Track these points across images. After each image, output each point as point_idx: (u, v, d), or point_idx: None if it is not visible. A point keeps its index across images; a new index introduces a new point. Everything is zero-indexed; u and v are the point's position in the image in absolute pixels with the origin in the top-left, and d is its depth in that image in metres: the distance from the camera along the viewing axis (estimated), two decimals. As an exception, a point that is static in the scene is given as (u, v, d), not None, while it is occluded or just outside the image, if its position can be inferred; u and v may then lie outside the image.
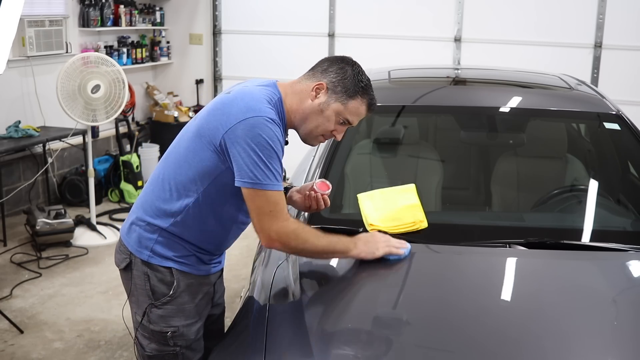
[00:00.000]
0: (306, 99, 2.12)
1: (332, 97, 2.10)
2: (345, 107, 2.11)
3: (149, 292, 2.13)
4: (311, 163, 3.06)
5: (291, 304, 2.07)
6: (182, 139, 2.15)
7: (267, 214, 2.00)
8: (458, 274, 2.30)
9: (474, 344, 1.88)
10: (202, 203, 2.09)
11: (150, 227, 2.12)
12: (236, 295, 4.31)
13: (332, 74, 2.12)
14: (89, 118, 5.06)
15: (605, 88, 5.00)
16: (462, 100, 3.23)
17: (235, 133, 1.97)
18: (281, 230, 2.02)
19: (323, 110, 2.11)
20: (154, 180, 2.18)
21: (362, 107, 2.14)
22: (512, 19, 6.36)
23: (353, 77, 2.11)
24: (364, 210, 2.51)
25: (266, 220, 2.01)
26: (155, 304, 2.13)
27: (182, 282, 2.13)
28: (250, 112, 1.98)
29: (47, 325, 3.92)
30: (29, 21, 5.56)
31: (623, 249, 2.39)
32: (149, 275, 2.12)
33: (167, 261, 2.12)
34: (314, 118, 2.12)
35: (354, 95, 2.11)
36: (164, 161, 2.19)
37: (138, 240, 2.14)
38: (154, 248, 2.11)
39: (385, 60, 4.82)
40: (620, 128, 2.93)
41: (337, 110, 2.11)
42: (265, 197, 1.99)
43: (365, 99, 2.13)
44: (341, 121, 2.14)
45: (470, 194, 3.10)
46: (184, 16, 7.36)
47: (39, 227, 4.98)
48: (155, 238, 2.11)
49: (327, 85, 2.10)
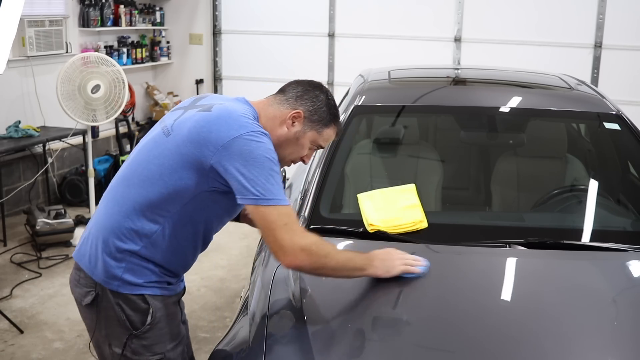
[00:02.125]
0: (281, 126, 2.07)
1: (308, 125, 2.08)
2: (320, 135, 2.11)
3: (126, 323, 2.01)
4: (311, 163, 3.06)
5: (291, 304, 2.07)
6: (150, 156, 2.01)
7: (283, 227, 1.89)
8: (458, 274, 2.30)
9: (474, 344, 1.88)
10: (177, 222, 1.99)
11: (119, 252, 1.98)
12: (236, 295, 4.32)
13: (307, 101, 2.09)
14: (89, 118, 5.06)
15: (605, 88, 5.00)
16: (462, 100, 3.23)
17: (230, 151, 1.89)
18: (303, 242, 1.90)
19: (299, 138, 2.08)
20: (117, 200, 2.02)
21: (334, 134, 2.16)
22: (512, 19, 6.36)
23: (327, 105, 2.10)
24: (364, 210, 2.51)
25: (284, 234, 1.89)
26: (136, 333, 2.01)
27: (157, 307, 2.03)
28: (244, 129, 1.91)
29: (47, 325, 3.92)
30: (29, 21, 5.57)
31: (623, 249, 2.39)
32: (121, 305, 2.00)
33: (138, 288, 2.00)
34: (288, 145, 2.09)
35: (329, 124, 2.11)
36: (126, 179, 2.04)
37: (105, 270, 1.99)
38: (123, 277, 1.98)
39: (385, 60, 4.83)
40: (620, 128, 2.93)
41: (312, 139, 2.10)
42: (277, 211, 1.90)
43: (337, 126, 2.15)
44: (312, 147, 2.14)
45: (470, 194, 3.10)
46: (184, 16, 7.36)
47: (39, 227, 4.98)
48: (124, 266, 1.98)
49: (304, 113, 2.07)
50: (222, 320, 4.00)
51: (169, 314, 2.08)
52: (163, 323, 2.06)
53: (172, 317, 2.09)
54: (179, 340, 2.12)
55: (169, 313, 2.08)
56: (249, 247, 4.91)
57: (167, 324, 2.07)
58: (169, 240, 2.01)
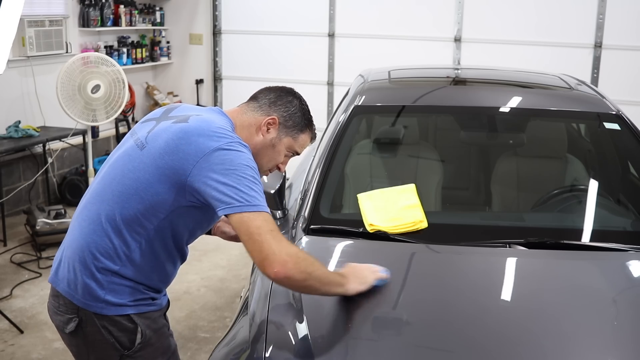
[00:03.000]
0: (257, 133, 2.05)
1: (283, 131, 2.07)
2: (296, 140, 2.10)
3: (116, 345, 1.95)
4: (311, 163, 3.06)
5: (291, 304, 2.07)
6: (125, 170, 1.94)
7: (270, 234, 1.80)
8: (458, 274, 2.30)
9: (474, 344, 1.88)
10: (154, 238, 1.94)
11: (99, 272, 1.92)
12: (236, 295, 4.32)
13: (281, 107, 2.07)
14: (89, 118, 5.06)
15: (605, 88, 5.00)
16: (462, 100, 3.23)
17: (211, 162, 1.83)
18: (290, 250, 1.81)
19: (275, 145, 2.07)
20: (92, 219, 1.94)
21: (309, 139, 2.15)
22: (512, 19, 6.36)
23: (301, 110, 2.10)
24: (364, 210, 2.51)
25: (271, 240, 1.79)
26: (128, 354, 1.97)
27: (145, 324, 1.99)
28: (223, 140, 1.87)
29: (47, 325, 3.92)
30: (29, 21, 5.57)
31: (623, 249, 2.39)
32: (108, 328, 1.94)
33: (123, 308, 1.95)
34: (265, 153, 2.07)
35: (304, 129, 2.11)
36: (100, 196, 1.96)
37: (86, 293, 1.92)
38: (106, 298, 1.92)
39: (385, 60, 4.83)
40: (620, 128, 2.93)
41: (288, 145, 2.09)
42: (263, 218, 1.82)
43: (311, 131, 2.14)
44: (288, 154, 2.13)
45: (470, 194, 3.10)
46: (184, 16, 7.36)
47: (39, 227, 4.98)
48: (106, 287, 1.92)
49: (278, 119, 2.06)
50: (222, 320, 4.00)
51: (157, 329, 2.04)
52: (154, 339, 2.02)
53: (162, 331, 2.06)
54: (170, 352, 2.09)
55: (158, 328, 2.04)
56: (249, 247, 4.91)
57: (157, 340, 2.03)
58: (148, 257, 1.95)
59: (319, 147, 3.10)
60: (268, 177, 2.80)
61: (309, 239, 2.45)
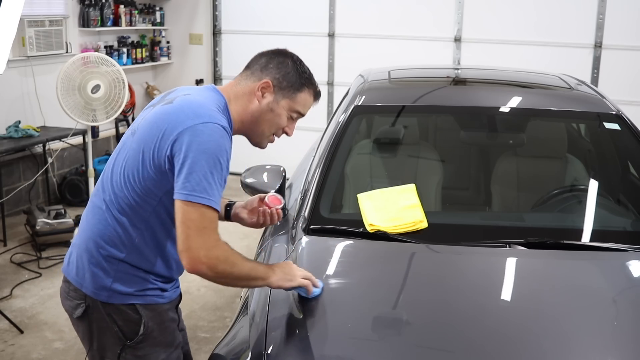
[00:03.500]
0: (252, 101, 1.99)
1: (280, 93, 2.00)
2: (294, 101, 2.01)
3: (119, 334, 1.96)
4: (311, 163, 3.06)
5: (291, 304, 2.07)
6: (119, 159, 1.96)
7: (200, 231, 1.79)
8: (458, 274, 2.30)
9: (474, 344, 1.88)
10: (154, 225, 1.93)
11: (105, 261, 1.93)
12: (236, 296, 4.32)
13: (273, 69, 2.01)
14: (89, 118, 5.06)
15: (605, 88, 5.00)
16: (462, 100, 3.24)
17: (181, 140, 1.81)
18: (212, 252, 1.81)
19: (273, 109, 2.00)
20: (96, 210, 1.97)
21: (310, 97, 2.05)
22: (512, 19, 6.36)
23: (296, 69, 2.02)
24: (364, 210, 2.52)
25: (197, 237, 1.80)
26: (129, 344, 1.96)
27: (149, 316, 1.97)
28: (199, 119, 1.83)
29: (47, 325, 3.92)
30: (29, 21, 5.56)
31: (623, 249, 2.39)
32: (113, 316, 1.95)
33: (129, 297, 1.94)
34: (264, 119, 2.00)
35: (301, 88, 2.02)
36: (102, 186, 1.98)
37: (93, 281, 1.94)
38: (112, 287, 1.93)
39: (385, 60, 4.83)
40: (620, 128, 2.93)
41: (286, 107, 2.01)
42: (201, 212, 1.79)
43: (311, 89, 2.04)
44: (291, 116, 2.04)
45: (470, 194, 3.10)
46: (184, 16, 7.36)
47: (39, 227, 4.98)
48: (113, 275, 1.93)
49: (272, 82, 1.99)
50: (222, 320, 4.00)
51: (161, 322, 2.01)
52: (156, 332, 2.00)
53: (166, 325, 2.03)
54: (173, 347, 2.06)
55: (162, 321, 2.01)
56: (249, 247, 4.91)
57: (160, 333, 2.01)
58: (150, 242, 1.95)
59: (319, 147, 3.10)
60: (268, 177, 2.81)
61: (309, 239, 2.45)
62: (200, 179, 1.79)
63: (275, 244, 2.52)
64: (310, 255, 2.37)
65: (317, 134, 3.67)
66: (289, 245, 2.46)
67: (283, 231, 2.59)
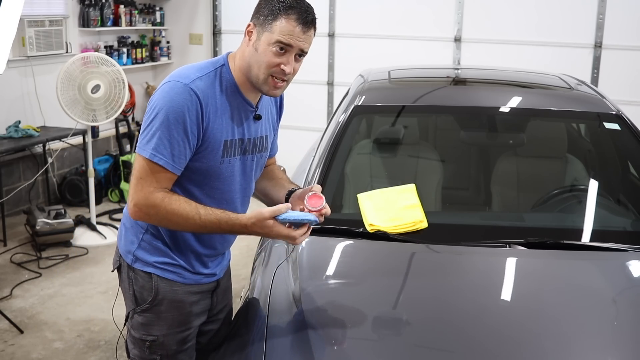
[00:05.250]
0: (245, 49, 1.97)
1: (260, 31, 1.93)
2: (272, 31, 1.91)
3: (133, 297, 2.07)
4: (311, 163, 3.06)
5: (291, 304, 2.07)
6: None
7: (137, 180, 1.91)
8: (458, 274, 2.30)
9: (474, 344, 1.88)
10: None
11: (134, 229, 2.06)
12: (236, 296, 4.30)
13: (255, 12, 1.97)
14: (89, 118, 5.06)
15: (605, 88, 5.00)
16: (462, 100, 3.24)
17: (150, 100, 1.96)
18: (140, 202, 1.90)
19: (257, 48, 1.93)
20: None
21: (291, 22, 1.92)
22: (512, 19, 6.35)
23: (270, 1, 1.94)
24: (363, 210, 2.51)
25: (135, 186, 1.92)
26: (136, 310, 2.06)
27: (162, 290, 2.03)
28: (168, 79, 1.96)
29: (47, 325, 3.92)
30: (29, 21, 5.56)
31: (623, 249, 2.39)
32: (132, 279, 2.06)
33: (149, 267, 2.04)
34: (254, 61, 1.94)
35: (277, 17, 1.91)
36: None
37: (124, 243, 2.09)
38: (136, 253, 2.05)
39: (385, 60, 4.83)
40: (620, 128, 2.93)
41: (267, 41, 1.91)
42: (140, 163, 1.91)
43: (292, 14, 1.93)
44: (278, 49, 1.91)
45: (470, 194, 3.10)
46: (184, 16, 7.36)
47: (39, 227, 4.98)
48: (138, 242, 2.04)
49: (254, 23, 1.95)
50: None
51: (174, 300, 2.05)
52: (165, 307, 2.05)
53: (179, 305, 2.06)
54: (181, 328, 2.08)
55: (176, 299, 2.05)
56: (249, 247, 4.91)
57: (169, 309, 2.05)
58: None
59: (319, 147, 3.10)
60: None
61: (309, 239, 2.43)
62: (148, 133, 1.90)
63: (275, 244, 2.52)
64: (310, 256, 2.37)
65: (317, 134, 3.67)
66: (288, 245, 2.46)
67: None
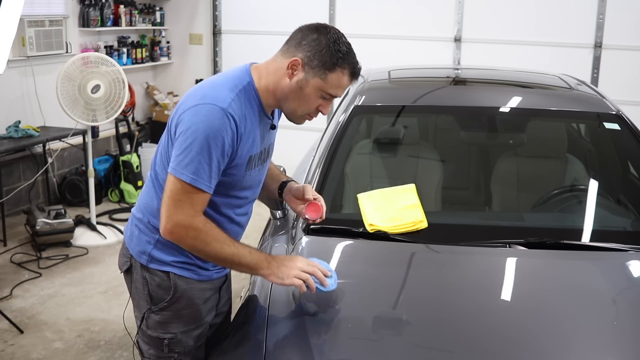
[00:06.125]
0: (283, 78, 1.96)
1: (310, 72, 1.93)
2: (325, 81, 1.94)
3: (147, 297, 2.08)
4: (311, 163, 3.06)
5: (291, 304, 2.07)
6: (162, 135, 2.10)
7: (175, 202, 1.89)
8: (458, 274, 2.30)
9: (474, 344, 1.88)
10: None
11: (148, 229, 2.07)
12: (236, 296, 4.30)
13: (306, 47, 1.94)
14: (89, 118, 5.06)
15: (605, 88, 5.00)
16: (462, 100, 3.24)
17: (182, 120, 1.90)
18: (181, 223, 1.89)
19: (302, 88, 1.95)
20: (148, 180, 2.13)
21: (344, 77, 1.96)
22: (512, 19, 6.36)
23: (329, 47, 1.93)
24: (364, 210, 2.52)
25: (172, 208, 1.89)
26: (153, 309, 2.08)
27: (180, 287, 2.06)
28: (203, 100, 1.89)
29: (47, 325, 3.92)
30: (29, 21, 5.56)
31: (623, 249, 2.39)
32: (147, 280, 2.07)
33: (166, 266, 2.05)
34: (294, 97, 1.97)
35: (333, 68, 1.93)
36: (152, 161, 2.13)
37: (137, 244, 2.09)
38: (151, 253, 2.06)
39: (385, 60, 4.81)
40: (620, 128, 2.93)
41: (317, 86, 1.95)
42: (179, 186, 1.88)
43: (346, 68, 1.96)
44: (324, 96, 1.98)
45: (470, 194, 3.10)
46: (184, 16, 7.36)
47: (39, 227, 4.98)
48: (154, 243, 2.05)
49: (302, 60, 1.93)
50: (222, 320, 4.00)
51: (191, 297, 2.08)
52: (182, 304, 2.08)
53: (196, 301, 2.09)
54: (196, 325, 2.12)
55: (192, 296, 2.08)
56: (249, 247, 4.92)
57: (186, 307, 2.08)
58: None
59: (319, 147, 3.10)
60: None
61: (309, 239, 2.45)
62: (186, 156, 1.87)
63: (275, 244, 2.52)
64: (310, 256, 2.36)
65: (317, 134, 3.67)
66: (289, 245, 2.47)
67: (283, 231, 2.59)
